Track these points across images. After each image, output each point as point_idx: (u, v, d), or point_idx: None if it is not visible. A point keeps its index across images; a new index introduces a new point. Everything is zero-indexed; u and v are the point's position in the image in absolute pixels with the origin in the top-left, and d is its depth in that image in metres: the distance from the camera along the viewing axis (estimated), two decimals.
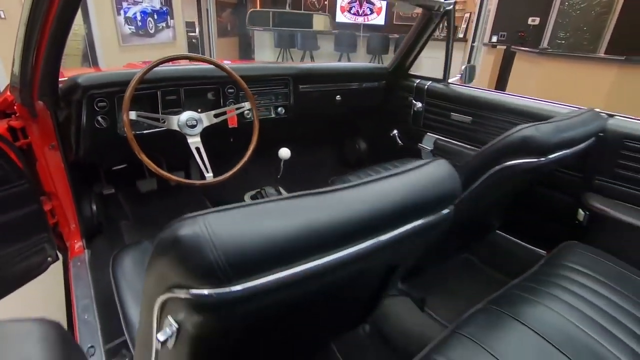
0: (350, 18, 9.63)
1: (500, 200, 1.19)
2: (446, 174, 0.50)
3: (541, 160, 0.82)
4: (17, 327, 0.42)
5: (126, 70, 1.20)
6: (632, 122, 1.07)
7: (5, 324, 0.42)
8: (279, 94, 1.44)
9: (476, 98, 1.42)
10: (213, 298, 0.34)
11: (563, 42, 5.66)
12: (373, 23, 9.55)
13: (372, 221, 0.41)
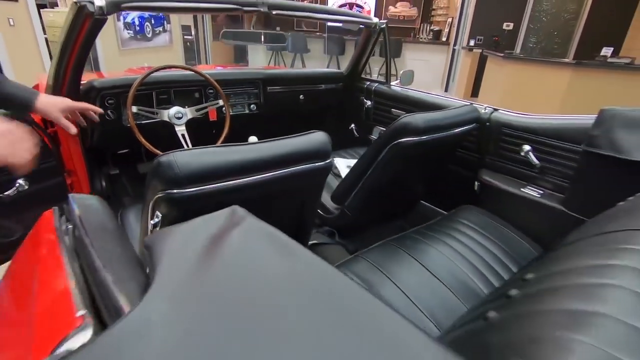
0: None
1: (416, 176, 1.54)
2: (319, 140, 0.86)
3: (422, 138, 1.17)
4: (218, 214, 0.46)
5: (129, 75, 1.55)
6: (508, 115, 1.42)
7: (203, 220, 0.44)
8: (251, 94, 1.80)
9: (407, 96, 1.78)
10: (177, 195, 0.69)
11: (535, 46, 6.04)
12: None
13: (266, 161, 0.77)
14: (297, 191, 0.94)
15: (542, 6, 5.80)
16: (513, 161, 1.42)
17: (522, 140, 1.37)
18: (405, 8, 9.81)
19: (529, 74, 4.14)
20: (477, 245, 1.23)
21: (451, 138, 1.28)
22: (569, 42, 5.94)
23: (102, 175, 1.67)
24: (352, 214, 1.41)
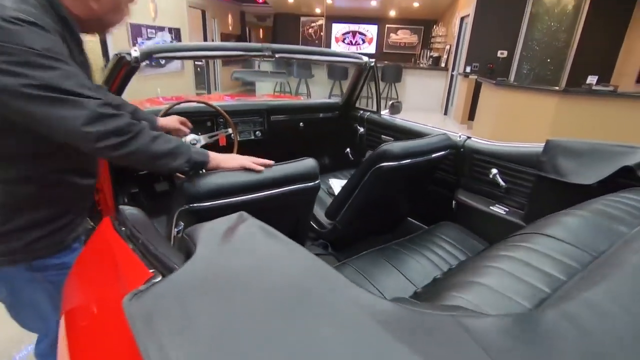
0: (344, 47, 10.45)
1: (400, 196, 1.75)
2: (309, 165, 1.07)
3: (400, 163, 1.38)
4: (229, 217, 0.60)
5: (152, 107, 1.80)
6: (479, 142, 1.63)
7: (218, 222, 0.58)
8: (256, 122, 2.04)
9: (395, 125, 2.00)
10: (196, 208, 0.91)
11: (529, 73, 6.32)
12: (365, 52, 10.35)
13: (266, 182, 0.98)
14: (292, 206, 1.15)
15: (534, 35, 6.11)
16: (484, 182, 1.62)
17: (490, 165, 1.57)
18: (406, 35, 10.27)
19: (519, 100, 4.37)
20: (450, 256, 1.42)
21: (427, 163, 1.49)
22: (561, 69, 6.22)
23: (125, 193, 1.90)
24: (343, 228, 1.61)
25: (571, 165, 1.19)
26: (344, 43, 10.44)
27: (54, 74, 0.64)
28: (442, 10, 8.95)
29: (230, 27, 9.99)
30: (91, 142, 0.69)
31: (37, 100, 0.63)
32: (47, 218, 0.82)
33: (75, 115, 0.66)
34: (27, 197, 0.78)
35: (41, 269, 0.85)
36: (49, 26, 0.67)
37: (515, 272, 0.59)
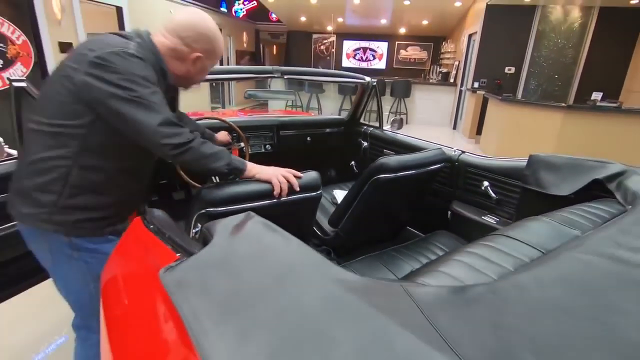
0: (354, 63, 10.70)
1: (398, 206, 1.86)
2: (312, 177, 1.21)
3: (396, 175, 1.51)
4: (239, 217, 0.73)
5: None
6: (472, 156, 1.75)
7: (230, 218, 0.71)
8: (267, 137, 2.20)
9: (395, 139, 2.14)
10: (212, 212, 1.05)
11: (537, 89, 6.40)
12: (375, 68, 10.58)
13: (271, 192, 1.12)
14: (296, 213, 1.28)
15: (541, 52, 6.21)
16: (476, 194, 1.73)
17: (482, 178, 1.69)
18: (415, 52, 10.48)
19: (525, 116, 4.46)
20: None
21: (422, 175, 1.61)
22: (569, 85, 6.28)
23: (145, 200, 2.07)
24: (345, 236, 1.73)
25: (551, 178, 1.30)
26: (355, 59, 10.69)
27: (146, 90, 0.93)
28: (451, 27, 9.13)
29: (245, 44, 10.36)
30: (160, 137, 0.92)
31: (133, 104, 0.90)
32: (97, 205, 1.01)
33: (154, 117, 0.92)
34: (92, 184, 0.99)
35: (78, 249, 1.02)
36: (151, 65, 0.98)
37: (474, 264, 0.71)
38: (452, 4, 7.37)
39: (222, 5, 9.15)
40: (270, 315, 0.44)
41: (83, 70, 0.89)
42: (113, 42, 0.95)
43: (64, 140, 0.94)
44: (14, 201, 1.01)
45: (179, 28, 1.05)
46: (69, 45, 4.70)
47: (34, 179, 0.96)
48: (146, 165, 1.15)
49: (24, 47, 4.16)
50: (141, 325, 0.57)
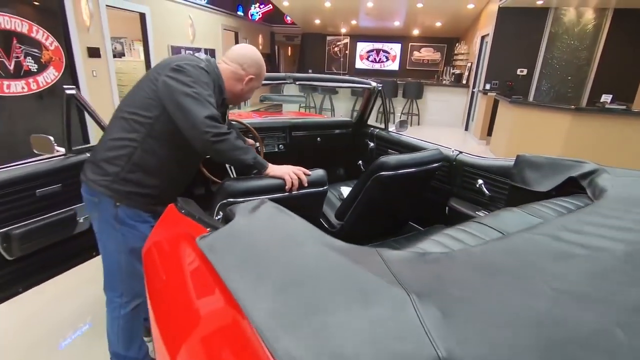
0: (367, 65, 10.82)
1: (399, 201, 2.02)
2: (319, 174, 1.37)
3: (396, 172, 1.67)
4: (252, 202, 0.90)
5: None
6: (468, 156, 1.89)
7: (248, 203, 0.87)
8: (280, 137, 2.38)
9: (399, 140, 2.29)
10: (233, 202, 1.24)
11: (549, 91, 6.40)
12: (388, 69, 10.67)
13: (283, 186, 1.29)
14: (304, 206, 1.46)
15: (554, 53, 6.22)
16: (472, 191, 1.87)
17: (477, 176, 1.83)
18: (429, 53, 10.53)
19: (533, 118, 4.53)
20: None
21: (421, 173, 1.77)
22: (582, 87, 6.27)
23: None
24: (350, 228, 1.90)
25: (534, 176, 1.43)
26: (368, 60, 10.81)
27: (205, 92, 1.18)
28: (465, 29, 9.17)
29: (261, 46, 10.62)
30: (204, 126, 1.12)
31: (191, 98, 1.14)
32: (147, 184, 1.25)
33: (204, 111, 1.14)
34: (147, 165, 1.23)
35: (121, 222, 1.24)
36: (212, 80, 1.26)
37: (443, 242, 0.87)
38: (465, 6, 7.42)
39: (238, 9, 9.41)
40: (277, 266, 0.61)
41: (165, 73, 1.18)
42: (189, 58, 1.25)
43: (136, 126, 1.21)
44: (86, 169, 1.27)
45: (239, 57, 1.35)
46: (96, 50, 5.01)
47: (106, 153, 1.22)
48: (192, 161, 1.41)
49: (56, 53, 4.47)
50: (180, 278, 0.76)
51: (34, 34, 4.17)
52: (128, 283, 1.34)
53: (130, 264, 1.30)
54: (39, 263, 1.52)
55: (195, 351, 0.58)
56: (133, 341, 1.41)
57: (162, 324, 0.73)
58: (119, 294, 1.35)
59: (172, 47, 6.62)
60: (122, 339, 1.39)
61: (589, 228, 0.82)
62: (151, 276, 0.93)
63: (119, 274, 1.32)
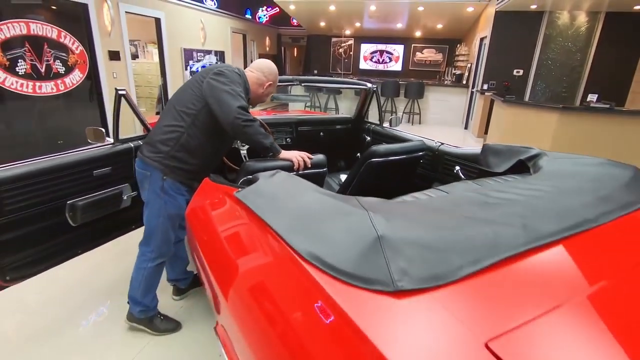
0: (371, 65, 11.13)
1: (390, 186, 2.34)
2: (320, 158, 1.71)
3: (385, 159, 1.99)
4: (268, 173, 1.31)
5: None
6: (448, 147, 2.21)
7: (267, 172, 1.26)
8: (287, 132, 2.72)
9: (392, 134, 2.62)
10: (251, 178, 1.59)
11: (545, 91, 6.68)
12: (391, 69, 10.98)
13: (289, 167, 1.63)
14: None
15: (549, 55, 6.49)
16: (451, 176, 2.19)
17: (455, 163, 2.15)
18: (431, 54, 10.82)
19: (524, 116, 4.82)
20: None
21: (407, 160, 2.09)
22: (576, 87, 6.54)
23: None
24: None
25: (495, 160, 1.76)
26: (372, 61, 11.13)
27: (239, 89, 1.53)
28: (465, 30, 9.45)
29: (268, 48, 10.98)
30: (236, 113, 1.45)
31: (227, 93, 1.48)
32: (189, 162, 1.59)
33: (237, 102, 1.47)
34: (191, 147, 1.58)
35: (164, 192, 1.59)
36: (243, 80, 1.62)
37: (406, 199, 1.20)
38: (464, 9, 7.71)
39: (246, 12, 9.78)
40: (289, 203, 0.95)
41: (209, 77, 1.55)
42: (227, 66, 1.64)
43: (184, 117, 1.57)
44: (143, 148, 1.64)
45: (262, 67, 1.75)
46: (116, 53, 5.39)
47: (160, 136, 1.59)
48: (223, 146, 1.78)
49: (81, 56, 4.86)
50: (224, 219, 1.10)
51: (62, 39, 4.56)
52: (159, 243, 1.69)
53: (165, 228, 1.66)
54: (93, 231, 1.88)
55: (246, 263, 0.93)
56: (150, 292, 1.79)
57: (214, 258, 1.07)
58: (150, 249, 1.71)
59: (185, 49, 6.99)
60: (142, 287, 1.75)
61: (510, 189, 1.15)
62: (197, 228, 1.28)
63: (155, 234, 1.68)
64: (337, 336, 0.62)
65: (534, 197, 1.06)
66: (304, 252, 0.76)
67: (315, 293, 0.70)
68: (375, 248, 0.71)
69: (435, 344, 0.58)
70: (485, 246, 0.76)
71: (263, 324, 0.76)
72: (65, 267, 1.82)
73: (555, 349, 0.56)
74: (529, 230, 0.83)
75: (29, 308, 2.05)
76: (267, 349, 0.73)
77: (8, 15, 4.01)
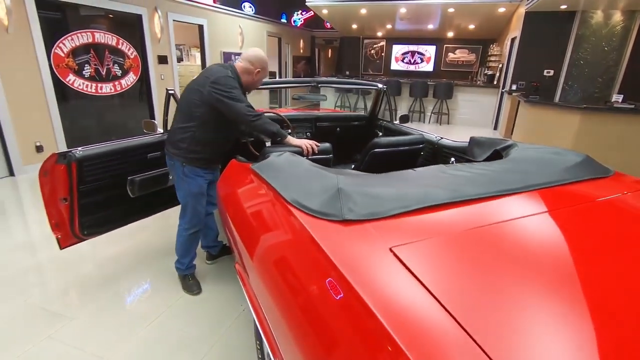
0: (402, 66, 11.28)
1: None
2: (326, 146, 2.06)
3: (386, 150, 2.31)
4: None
5: None
6: (445, 141, 2.47)
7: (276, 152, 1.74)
8: (307, 127, 3.09)
9: (402, 130, 2.91)
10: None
11: (577, 92, 6.57)
12: (422, 70, 11.07)
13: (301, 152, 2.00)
14: None
15: (581, 55, 6.40)
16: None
17: (451, 155, 2.42)
18: (464, 54, 10.79)
19: (546, 116, 4.88)
20: None
21: (407, 151, 2.39)
22: (610, 87, 6.40)
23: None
24: None
25: (478, 151, 2.02)
26: (403, 62, 11.27)
27: (237, 92, 1.84)
28: (499, 30, 9.37)
29: (302, 50, 11.45)
30: (246, 112, 1.82)
31: (232, 99, 1.81)
32: (202, 152, 1.96)
33: (242, 104, 1.83)
34: (203, 141, 1.94)
35: (186, 175, 1.99)
36: (236, 79, 1.90)
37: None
38: (496, 9, 7.72)
39: (282, 16, 10.29)
40: (286, 173, 1.32)
41: (208, 86, 1.84)
42: (219, 71, 1.89)
43: (192, 118, 1.91)
44: (168, 145, 2.03)
45: (249, 57, 1.98)
46: (164, 57, 6.03)
47: (178, 135, 1.96)
48: (228, 138, 2.12)
49: (135, 60, 5.52)
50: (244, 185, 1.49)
51: (120, 45, 5.23)
52: (190, 217, 2.10)
53: (193, 204, 2.07)
54: (147, 202, 2.35)
55: (255, 211, 1.31)
56: (187, 254, 2.22)
57: (234, 209, 1.46)
58: (184, 222, 2.13)
59: (224, 52, 7.58)
60: (180, 250, 2.20)
61: (467, 169, 1.45)
62: (224, 191, 1.68)
63: (185, 209, 2.10)
64: (305, 247, 0.98)
65: (480, 174, 1.36)
66: (289, 199, 1.13)
67: (293, 223, 1.06)
68: (335, 196, 1.06)
69: (359, 248, 0.92)
70: (414, 199, 1.08)
71: (262, 243, 1.13)
72: (126, 229, 2.31)
73: (432, 254, 0.88)
74: (455, 192, 1.14)
75: (97, 260, 2.57)
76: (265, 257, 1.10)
77: (77, 25, 4.70)
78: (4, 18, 3.82)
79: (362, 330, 0.71)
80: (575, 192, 1.33)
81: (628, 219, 1.17)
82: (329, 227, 0.99)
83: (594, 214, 1.18)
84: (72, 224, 1.99)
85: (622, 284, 0.83)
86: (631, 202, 1.28)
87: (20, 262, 2.49)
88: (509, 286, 0.80)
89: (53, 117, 4.45)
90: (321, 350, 0.77)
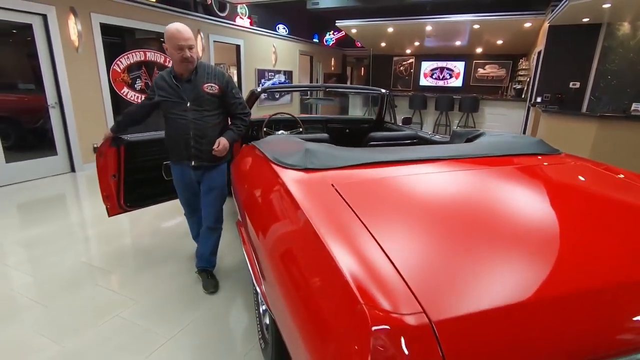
0: (431, 82, 11.49)
1: None
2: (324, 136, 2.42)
3: (381, 143, 2.63)
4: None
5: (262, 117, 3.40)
6: (438, 137, 2.74)
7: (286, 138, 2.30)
8: (318, 128, 3.47)
9: (401, 130, 3.21)
10: None
11: (606, 103, 6.49)
12: (451, 85, 11.21)
13: None
14: None
15: (608, 67, 6.36)
16: None
17: None
18: (493, 69, 10.85)
19: (564, 124, 4.93)
20: None
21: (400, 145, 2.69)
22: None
23: None
24: None
25: (457, 141, 2.29)
26: (432, 78, 11.49)
27: (150, 93, 2.12)
28: (529, 45, 9.39)
29: (333, 67, 12.02)
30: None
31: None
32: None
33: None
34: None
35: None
36: (165, 77, 2.00)
37: None
38: (522, 25, 7.84)
39: (314, 37, 10.95)
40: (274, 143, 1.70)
41: None
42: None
43: None
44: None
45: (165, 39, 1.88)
46: None
47: None
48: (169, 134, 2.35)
49: None
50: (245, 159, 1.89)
51: (167, 63, 5.97)
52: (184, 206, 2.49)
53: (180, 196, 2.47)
54: None
55: (252, 172, 1.70)
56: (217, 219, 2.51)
57: (240, 174, 1.86)
58: (187, 214, 2.53)
59: (258, 70, 8.25)
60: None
61: (433, 147, 1.75)
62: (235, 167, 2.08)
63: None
64: (277, 188, 1.34)
65: (440, 149, 1.66)
66: (272, 158, 1.50)
67: (272, 173, 1.43)
68: (303, 154, 1.42)
69: (313, 189, 1.26)
70: (362, 158, 1.41)
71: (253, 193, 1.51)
72: (160, 206, 2.78)
73: (363, 191, 1.21)
74: (407, 156, 1.46)
75: (134, 232, 3.06)
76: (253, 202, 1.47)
77: (132, 46, 5.47)
78: (75, 40, 4.61)
79: (303, 237, 1.03)
80: (519, 161, 1.59)
81: (553, 180, 1.42)
82: (295, 174, 1.35)
83: (528, 173, 1.44)
84: (118, 196, 2.48)
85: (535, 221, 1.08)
86: (562, 169, 1.52)
87: (77, 234, 3.04)
88: (424, 214, 1.10)
89: (109, 123, 5.18)
90: (287, 257, 1.09)
